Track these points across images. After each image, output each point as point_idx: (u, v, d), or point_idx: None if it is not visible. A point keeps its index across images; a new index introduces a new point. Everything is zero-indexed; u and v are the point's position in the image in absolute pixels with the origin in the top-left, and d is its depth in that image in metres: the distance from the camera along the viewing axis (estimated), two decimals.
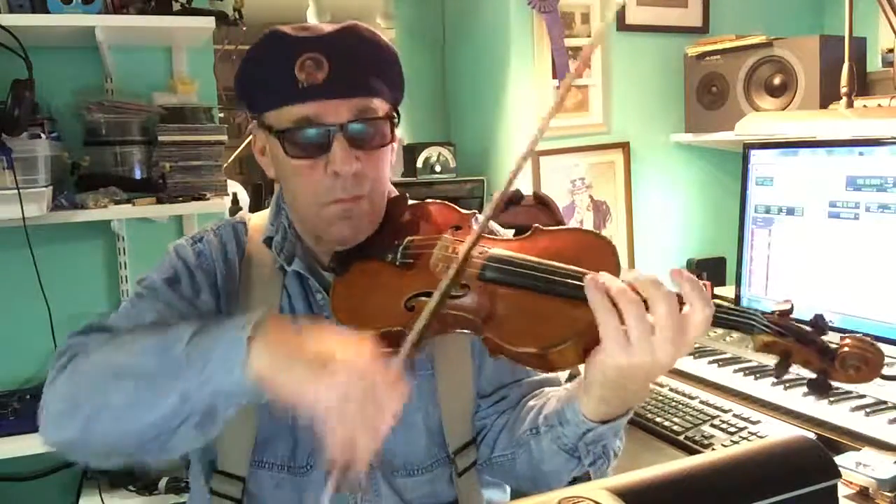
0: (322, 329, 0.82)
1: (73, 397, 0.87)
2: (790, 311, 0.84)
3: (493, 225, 1.16)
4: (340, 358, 0.77)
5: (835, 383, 0.82)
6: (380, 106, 1.01)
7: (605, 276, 0.83)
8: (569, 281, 0.87)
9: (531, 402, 1.08)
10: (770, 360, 1.56)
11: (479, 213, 1.12)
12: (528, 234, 1.00)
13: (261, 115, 1.03)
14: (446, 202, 1.12)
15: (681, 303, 0.81)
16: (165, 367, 0.82)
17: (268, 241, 1.07)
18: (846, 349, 0.80)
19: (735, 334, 1.74)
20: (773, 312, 0.84)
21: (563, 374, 1.13)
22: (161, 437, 0.84)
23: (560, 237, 0.99)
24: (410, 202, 1.11)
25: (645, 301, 0.80)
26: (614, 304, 0.80)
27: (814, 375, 0.82)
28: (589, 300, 0.82)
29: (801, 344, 0.82)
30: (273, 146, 1.01)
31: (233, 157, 2.75)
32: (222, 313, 1.04)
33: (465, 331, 0.93)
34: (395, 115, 1.04)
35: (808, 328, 0.83)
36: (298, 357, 0.78)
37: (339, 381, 0.75)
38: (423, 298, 0.94)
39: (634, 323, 0.79)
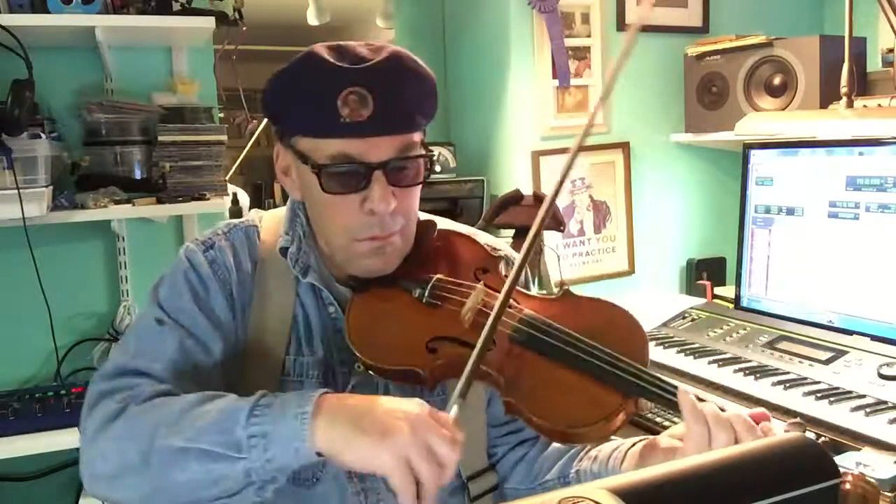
0: (374, 398, 0.85)
1: (128, 466, 0.87)
2: (803, 433, 0.86)
3: (512, 253, 1.16)
4: (397, 423, 0.80)
5: None
6: (418, 139, 0.99)
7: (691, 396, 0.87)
8: (603, 365, 0.88)
9: (557, 446, 1.08)
10: (771, 360, 1.56)
11: (507, 255, 1.12)
12: (558, 296, 1.00)
13: (290, 139, 1.00)
14: (475, 238, 1.11)
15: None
16: (228, 448, 0.83)
17: (283, 251, 1.05)
18: (848, 486, 0.82)
19: (735, 334, 1.74)
20: (786, 432, 0.86)
21: None
22: (221, 501, 0.86)
23: (592, 308, 0.98)
24: (439, 228, 1.09)
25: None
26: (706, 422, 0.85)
27: None
28: (686, 414, 0.86)
29: None
30: (305, 174, 0.98)
31: (236, 164, 2.75)
32: (237, 322, 1.03)
33: (487, 386, 0.93)
34: (430, 150, 1.03)
35: None
36: (357, 430, 0.81)
37: (399, 446, 0.78)
38: (447, 344, 0.94)
39: (721, 447, 0.83)
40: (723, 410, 0.87)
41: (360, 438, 0.80)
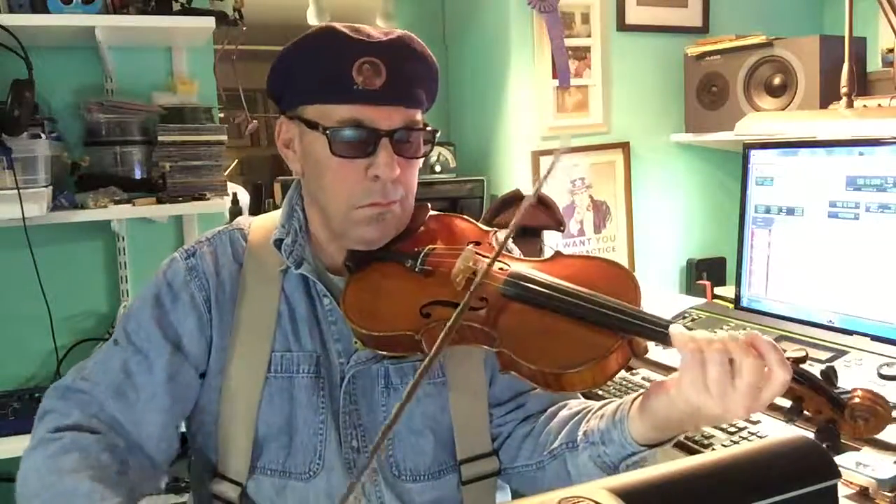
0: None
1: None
2: (804, 358, 0.85)
3: (512, 247, 1.18)
4: None
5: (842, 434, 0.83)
6: (421, 118, 1.04)
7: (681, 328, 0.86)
8: (589, 306, 0.89)
9: (563, 413, 1.08)
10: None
11: (499, 231, 1.13)
12: (549, 257, 1.03)
13: (296, 109, 1.03)
14: (466, 217, 1.14)
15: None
16: None
17: (277, 243, 1.07)
18: (856, 400, 0.81)
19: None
20: (788, 359, 0.84)
21: None
22: None
23: (581, 263, 1.00)
24: (432, 213, 1.14)
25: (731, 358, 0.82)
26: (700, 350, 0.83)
27: (822, 423, 0.84)
28: (674, 340, 0.84)
29: (814, 392, 0.83)
30: (312, 140, 1.01)
31: (231, 166, 2.76)
32: (213, 329, 1.05)
33: (480, 345, 0.94)
34: (434, 130, 1.06)
35: (819, 377, 0.84)
36: None
37: None
38: (440, 307, 0.96)
39: (717, 369, 0.82)
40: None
41: None
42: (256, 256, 1.08)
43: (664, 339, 0.86)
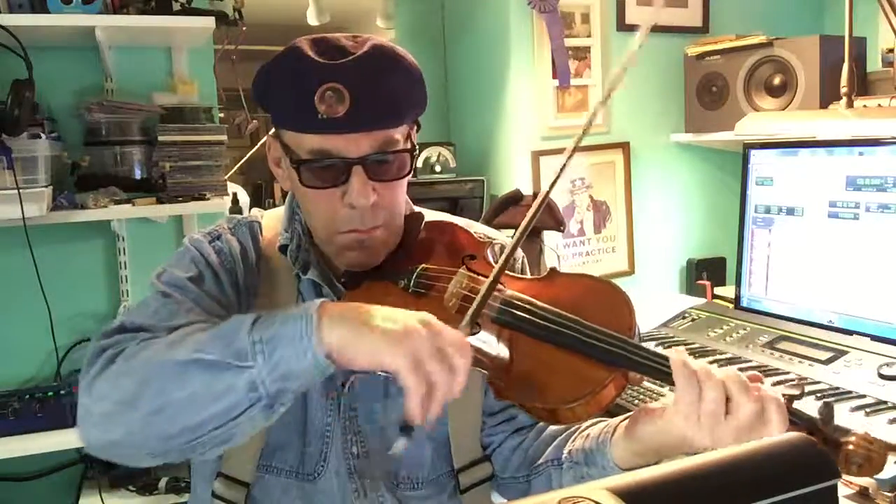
0: (383, 306, 0.82)
1: (124, 397, 0.82)
2: (800, 396, 0.84)
3: (506, 242, 1.15)
4: (411, 323, 0.78)
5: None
6: (401, 134, 0.99)
7: (684, 355, 0.85)
8: (585, 339, 0.87)
9: (552, 428, 1.07)
10: (771, 360, 1.56)
11: (495, 241, 1.11)
12: (545, 275, 0.99)
13: (278, 130, 1.00)
14: (462, 226, 1.10)
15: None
16: (230, 357, 0.79)
17: (282, 249, 1.05)
18: (851, 447, 0.79)
19: (735, 334, 1.74)
20: (783, 395, 0.84)
21: None
22: (225, 426, 0.80)
23: (576, 284, 0.97)
24: (427, 219, 1.10)
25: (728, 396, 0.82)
26: (697, 380, 0.82)
27: None
28: (674, 371, 0.83)
29: (809, 434, 0.81)
30: (289, 166, 0.99)
31: (237, 165, 2.76)
32: (242, 309, 1.01)
33: (475, 368, 0.93)
34: (414, 145, 1.02)
35: (816, 417, 0.83)
36: (368, 326, 0.78)
37: (413, 345, 0.76)
38: None
39: (711, 404, 0.81)
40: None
41: (372, 334, 0.77)
42: (271, 255, 1.07)
43: (661, 377, 0.85)
